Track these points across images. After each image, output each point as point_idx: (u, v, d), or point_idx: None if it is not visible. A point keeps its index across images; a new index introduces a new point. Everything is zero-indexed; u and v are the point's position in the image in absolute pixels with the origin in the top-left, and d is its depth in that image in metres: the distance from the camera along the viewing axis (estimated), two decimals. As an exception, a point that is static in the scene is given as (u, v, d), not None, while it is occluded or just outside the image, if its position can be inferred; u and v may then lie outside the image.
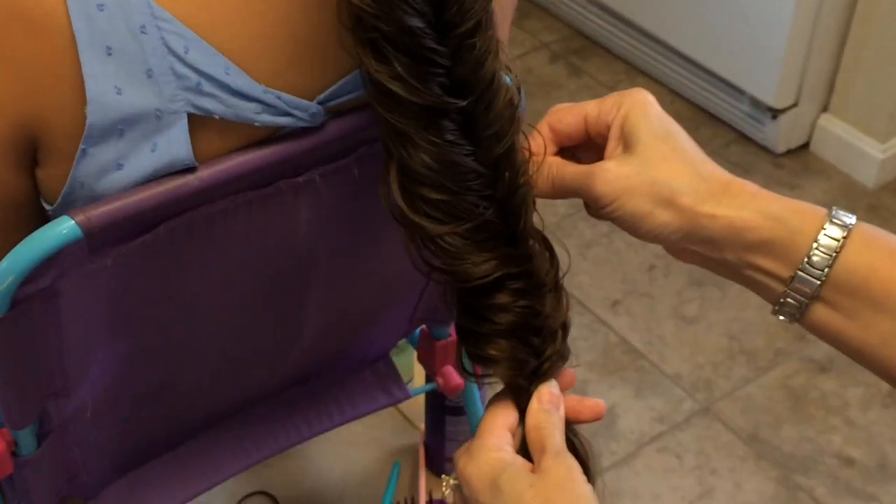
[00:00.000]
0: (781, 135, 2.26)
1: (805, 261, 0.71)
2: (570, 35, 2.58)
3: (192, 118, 0.71)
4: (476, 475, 0.72)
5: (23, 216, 0.75)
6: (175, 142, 0.71)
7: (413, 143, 0.70)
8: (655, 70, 2.41)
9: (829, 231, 0.70)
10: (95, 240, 0.71)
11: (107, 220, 0.70)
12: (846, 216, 0.71)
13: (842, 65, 2.21)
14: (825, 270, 0.70)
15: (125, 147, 0.70)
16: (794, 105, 2.24)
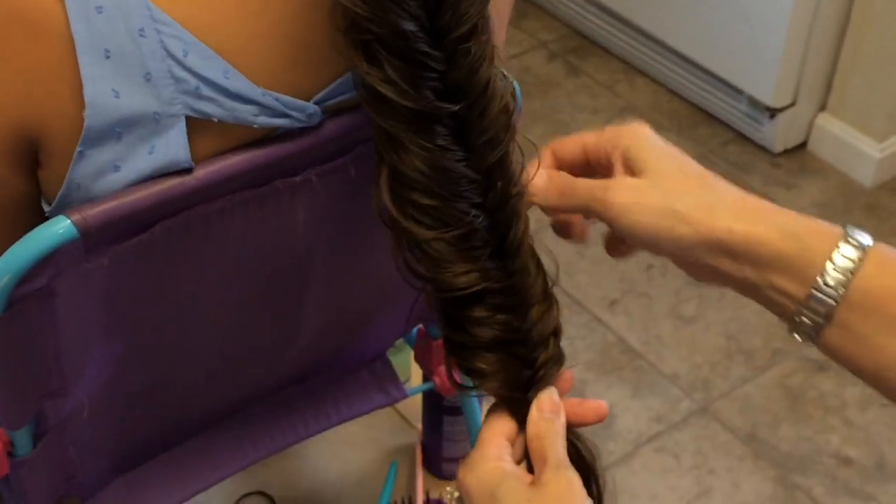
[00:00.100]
0: (779, 134, 2.26)
1: (819, 280, 0.69)
2: (568, 34, 2.58)
3: (190, 120, 0.71)
4: (476, 486, 0.71)
5: (23, 217, 0.74)
6: (173, 144, 0.71)
7: (404, 148, 0.70)
8: (653, 69, 2.40)
9: (845, 251, 0.69)
10: (91, 239, 0.71)
11: (103, 220, 0.70)
12: (861, 236, 0.70)
13: (839, 64, 2.21)
14: (840, 291, 0.69)
15: (123, 149, 0.70)
16: (792, 104, 2.24)
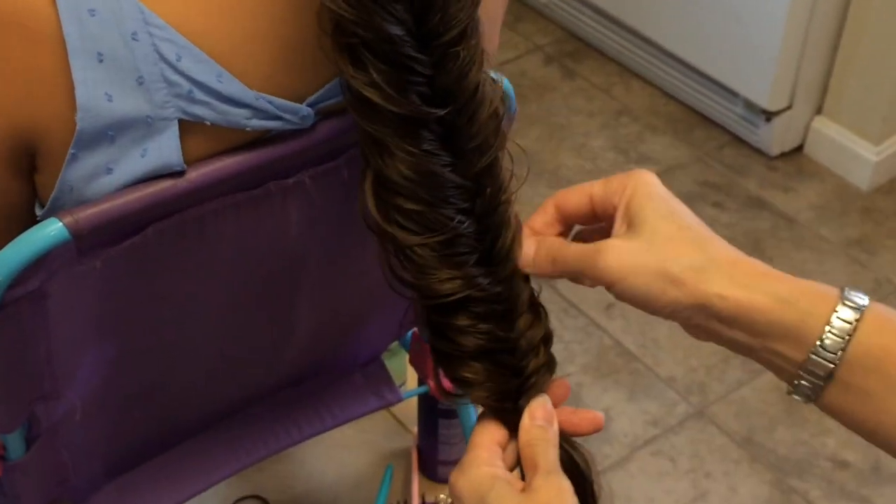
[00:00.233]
0: (775, 137, 2.26)
1: (818, 344, 0.69)
2: (564, 38, 2.58)
3: (183, 123, 0.71)
4: (467, 491, 0.71)
5: (20, 221, 0.74)
6: (165, 147, 0.70)
7: (389, 152, 0.69)
8: (649, 72, 2.40)
9: (842, 314, 0.69)
10: (84, 242, 0.70)
11: (95, 222, 0.70)
12: (858, 297, 0.70)
13: (835, 67, 2.21)
14: (839, 353, 0.69)
15: (115, 152, 0.70)
16: (788, 107, 2.24)
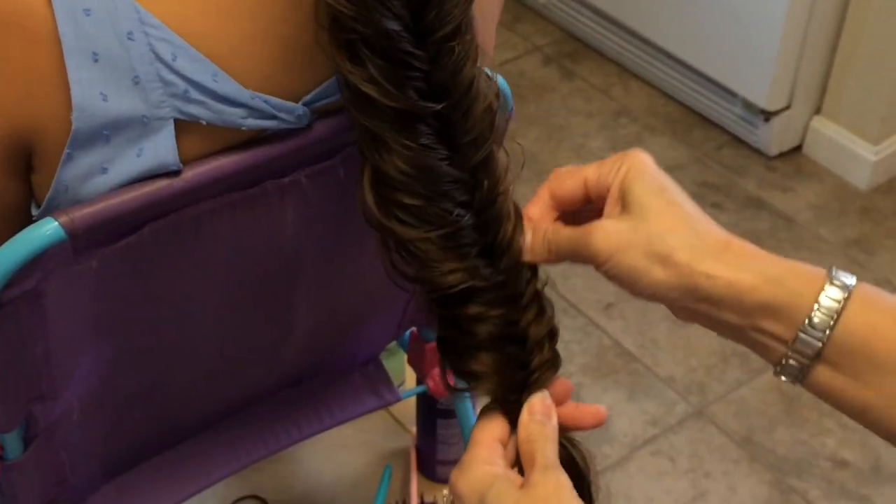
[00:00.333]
0: (774, 137, 2.26)
1: (806, 322, 0.69)
2: (563, 38, 2.58)
3: (179, 122, 0.71)
4: (466, 489, 0.71)
5: (16, 221, 0.74)
6: (161, 147, 0.70)
7: (387, 147, 0.69)
8: (648, 73, 2.40)
9: (830, 292, 0.69)
10: (79, 241, 0.70)
11: (90, 222, 0.70)
12: (846, 276, 0.70)
13: (834, 67, 2.21)
14: (826, 332, 0.69)
15: (111, 152, 0.70)
16: (787, 107, 2.24)
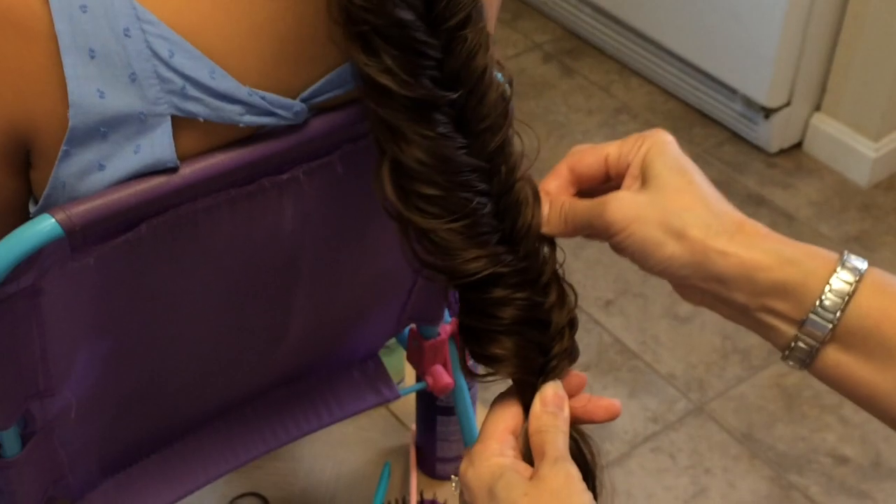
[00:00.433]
0: (774, 134, 2.26)
1: (817, 304, 0.69)
2: (563, 35, 2.58)
3: (176, 119, 0.71)
4: (475, 480, 0.71)
5: (15, 218, 0.74)
6: (158, 144, 0.70)
7: (405, 138, 0.70)
8: (648, 70, 2.40)
9: (841, 275, 0.69)
10: (76, 238, 0.70)
11: (88, 219, 0.70)
12: (858, 261, 0.70)
13: (834, 64, 2.20)
14: (837, 314, 0.69)
15: (108, 149, 0.70)
16: (787, 104, 2.24)
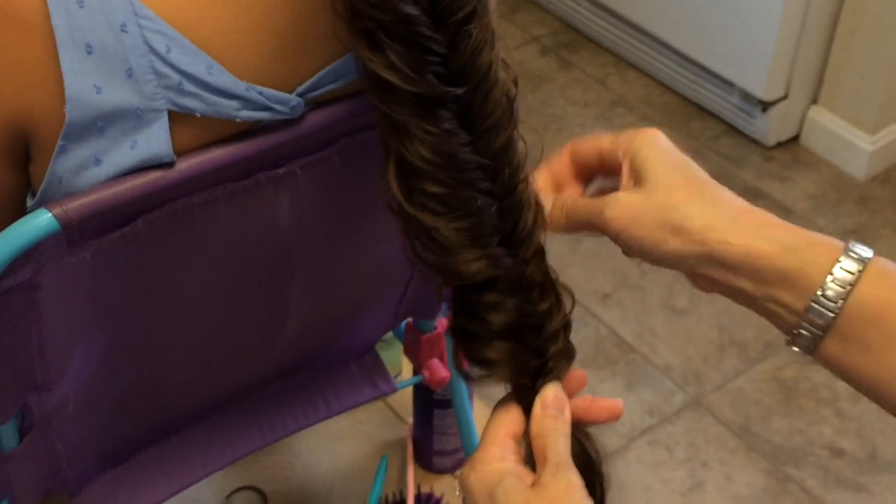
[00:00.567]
0: (771, 127, 2.26)
1: (819, 293, 0.69)
2: (561, 29, 2.58)
3: (172, 114, 0.71)
4: (476, 485, 0.71)
5: (15, 211, 0.74)
6: (155, 139, 0.70)
7: (409, 135, 0.69)
8: (645, 63, 2.40)
9: (845, 264, 0.69)
10: (73, 233, 0.70)
11: (84, 213, 0.70)
12: (862, 249, 0.70)
13: (831, 57, 2.20)
14: (839, 303, 0.69)
15: (105, 144, 0.70)
16: (784, 97, 2.24)
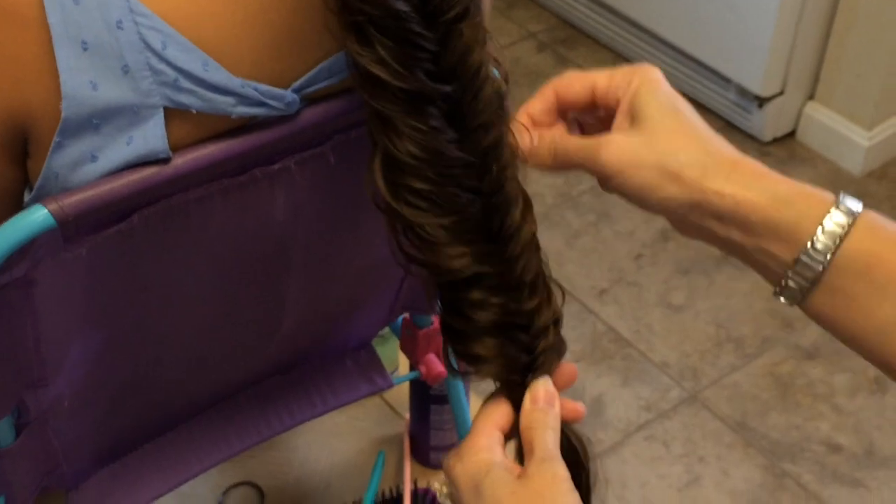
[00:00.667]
0: (768, 123, 2.27)
1: (809, 245, 0.70)
2: (557, 25, 2.58)
3: (168, 110, 0.71)
4: (462, 476, 0.71)
5: (13, 207, 0.74)
6: (150, 136, 0.70)
7: (397, 131, 0.69)
8: (642, 59, 2.41)
9: (835, 217, 0.69)
10: (69, 228, 0.70)
11: (80, 209, 0.70)
12: (853, 202, 0.70)
13: (827, 53, 2.21)
14: (828, 256, 0.69)
15: (101, 140, 0.70)
16: (781, 93, 2.24)
